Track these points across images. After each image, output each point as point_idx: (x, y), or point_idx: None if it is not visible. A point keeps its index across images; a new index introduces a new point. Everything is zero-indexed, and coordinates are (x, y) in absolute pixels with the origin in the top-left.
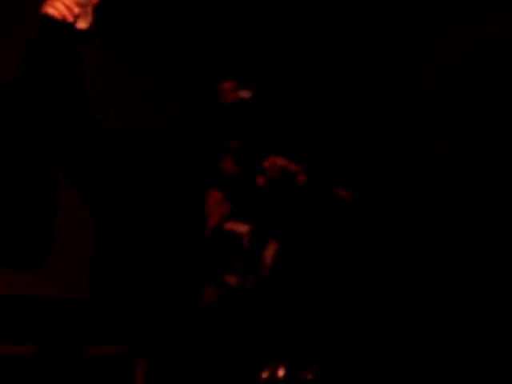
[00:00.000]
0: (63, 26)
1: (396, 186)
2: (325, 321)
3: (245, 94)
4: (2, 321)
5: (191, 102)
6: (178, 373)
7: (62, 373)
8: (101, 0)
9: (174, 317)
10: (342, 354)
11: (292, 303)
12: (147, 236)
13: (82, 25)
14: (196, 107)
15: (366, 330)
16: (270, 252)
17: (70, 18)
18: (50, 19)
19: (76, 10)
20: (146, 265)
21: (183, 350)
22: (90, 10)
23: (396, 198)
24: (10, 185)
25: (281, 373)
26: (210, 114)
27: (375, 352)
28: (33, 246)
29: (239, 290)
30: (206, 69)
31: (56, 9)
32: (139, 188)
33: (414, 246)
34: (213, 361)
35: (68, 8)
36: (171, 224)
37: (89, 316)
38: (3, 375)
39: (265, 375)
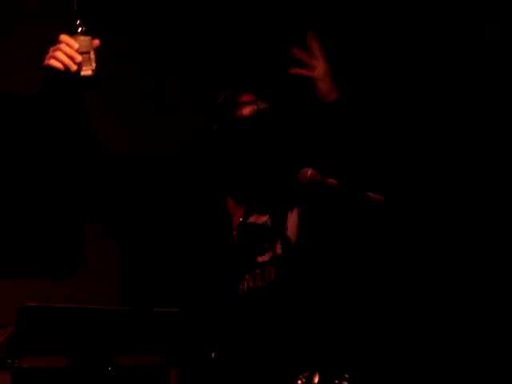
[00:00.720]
0: (68, 76)
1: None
2: (359, 327)
3: (262, 105)
4: (32, 333)
5: (208, 114)
6: (210, 382)
7: None
8: (101, 45)
9: (206, 326)
10: (376, 361)
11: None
12: (177, 243)
13: (86, 72)
14: (215, 119)
15: (401, 337)
16: (292, 219)
17: (74, 67)
18: (54, 70)
19: (78, 57)
20: (179, 272)
21: (216, 358)
22: (92, 56)
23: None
24: (41, 195)
25: (316, 379)
26: (231, 125)
27: (410, 359)
28: (63, 256)
29: (272, 261)
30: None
31: (58, 60)
32: (166, 201)
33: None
34: (247, 368)
35: (70, 57)
36: (200, 230)
37: (121, 326)
38: None
39: (300, 382)
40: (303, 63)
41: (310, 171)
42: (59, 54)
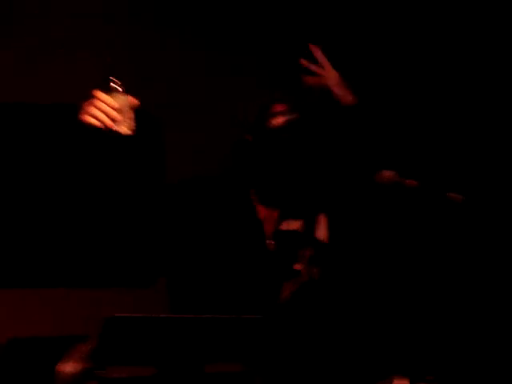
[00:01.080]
0: (104, 132)
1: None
2: (440, 327)
3: (293, 115)
4: (119, 343)
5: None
6: None
7: None
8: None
9: (287, 332)
10: (463, 361)
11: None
12: (222, 255)
13: (123, 130)
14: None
15: (485, 334)
16: (321, 222)
17: (111, 125)
18: (90, 126)
19: (114, 115)
20: (228, 282)
21: (297, 365)
22: (131, 114)
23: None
24: (122, 204)
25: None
26: (264, 135)
27: (495, 357)
28: (144, 266)
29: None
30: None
31: (94, 117)
32: (210, 220)
33: None
34: (329, 374)
35: (107, 114)
36: (234, 239)
37: (207, 334)
38: None
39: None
40: (314, 73)
41: (388, 173)
42: (95, 111)
